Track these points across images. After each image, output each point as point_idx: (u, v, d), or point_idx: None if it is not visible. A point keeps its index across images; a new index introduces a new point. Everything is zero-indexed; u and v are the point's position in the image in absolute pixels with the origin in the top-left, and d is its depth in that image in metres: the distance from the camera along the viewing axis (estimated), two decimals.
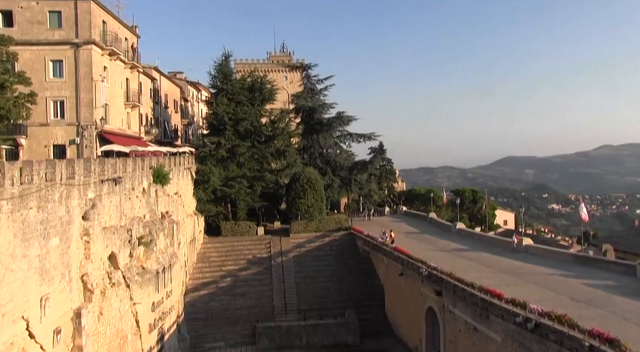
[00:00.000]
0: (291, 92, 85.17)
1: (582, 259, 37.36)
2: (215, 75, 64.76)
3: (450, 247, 45.99)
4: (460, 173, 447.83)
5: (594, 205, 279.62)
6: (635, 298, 26.41)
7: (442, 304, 34.24)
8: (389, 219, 67.81)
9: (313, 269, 54.88)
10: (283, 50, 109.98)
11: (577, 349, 19.77)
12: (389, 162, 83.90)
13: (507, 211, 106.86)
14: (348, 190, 71.06)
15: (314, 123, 71.11)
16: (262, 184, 61.73)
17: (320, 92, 73.58)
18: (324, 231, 59.67)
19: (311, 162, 69.58)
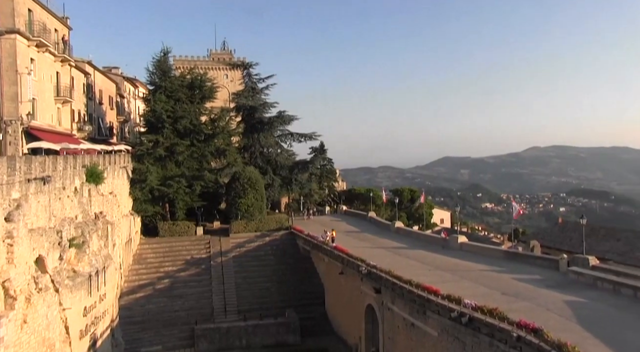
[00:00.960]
0: (232, 91, 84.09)
1: (512, 255, 39.12)
2: (153, 72, 63.03)
3: (389, 246, 46.89)
4: (399, 173, 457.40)
5: (523, 204, 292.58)
6: (557, 290, 28.06)
7: (381, 302, 34.84)
8: (330, 218, 68.31)
9: (253, 269, 54.47)
10: (224, 48, 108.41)
11: (507, 340, 20.70)
12: (330, 162, 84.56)
13: (443, 210, 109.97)
14: (289, 189, 71.06)
15: (254, 122, 70.59)
16: (202, 184, 60.60)
17: (261, 91, 73.14)
18: (264, 230, 59.35)
19: (252, 161, 69.05)
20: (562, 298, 26.32)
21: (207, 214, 63.90)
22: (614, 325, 22.00)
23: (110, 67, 78.05)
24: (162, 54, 63.77)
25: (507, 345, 20.76)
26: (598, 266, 31.58)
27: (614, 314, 23.59)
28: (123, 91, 77.82)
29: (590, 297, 26.48)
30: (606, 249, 48.11)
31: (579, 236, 42.56)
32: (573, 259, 33.08)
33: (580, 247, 37.87)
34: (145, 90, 79.02)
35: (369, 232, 56.03)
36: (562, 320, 22.76)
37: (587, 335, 20.60)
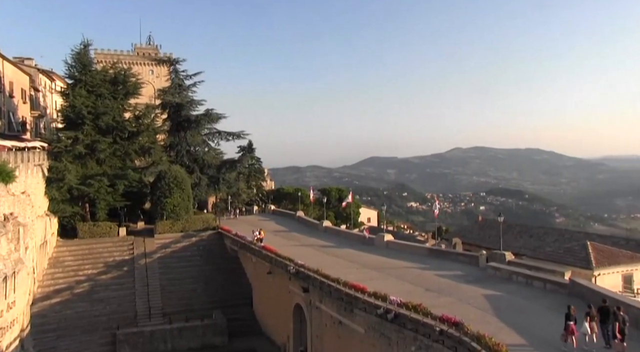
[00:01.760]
0: (158, 87, 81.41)
1: (435, 252, 40.58)
2: (72, 65, 59.86)
3: (317, 245, 47.23)
4: (327, 172, 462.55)
5: (446, 203, 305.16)
6: (477, 285, 29.45)
7: (309, 301, 35.01)
8: (258, 218, 67.88)
9: (179, 270, 53.06)
10: (149, 42, 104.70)
11: (430, 334, 21.44)
12: (258, 161, 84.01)
13: (370, 209, 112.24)
14: (216, 189, 69.81)
15: (181, 120, 68.79)
16: (125, 183, 58.18)
17: (188, 88, 71.40)
18: (191, 230, 57.96)
19: (178, 160, 67.26)
20: (481, 292, 27.65)
21: (131, 214, 61.50)
22: (525, 315, 23.43)
23: (23, 58, 73.09)
24: (82, 46, 60.69)
25: (430, 339, 21.50)
26: (513, 261, 33.44)
27: (526, 305, 25.08)
28: (38, 84, 73.18)
29: (506, 291, 28.00)
30: (520, 245, 51.01)
31: (497, 233, 44.78)
32: (491, 255, 34.83)
33: (498, 243, 39.93)
34: (63, 84, 74.83)
35: (297, 231, 56.18)
36: (481, 313, 23.91)
37: (502, 325, 21.90)
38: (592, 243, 32.79)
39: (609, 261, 30.47)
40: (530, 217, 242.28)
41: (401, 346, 23.87)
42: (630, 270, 31.00)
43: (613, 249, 33.89)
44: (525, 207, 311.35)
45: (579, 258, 30.68)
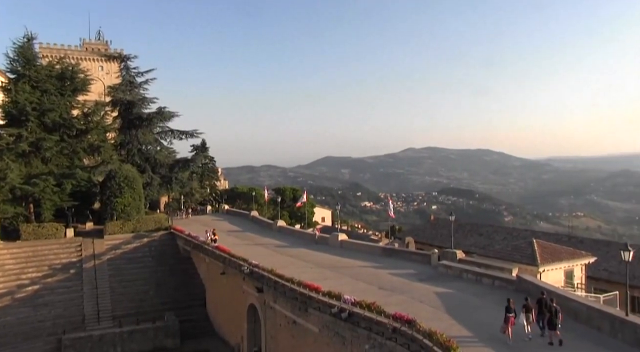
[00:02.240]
0: (108, 84, 79.12)
1: (389, 251, 41.12)
2: (14, 59, 57.32)
3: (271, 244, 47.05)
4: (281, 172, 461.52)
5: (399, 202, 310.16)
6: (429, 283, 30.04)
7: (263, 301, 34.84)
8: (211, 218, 67.01)
9: (130, 271, 51.70)
10: (99, 38, 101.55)
11: (383, 332, 21.71)
12: (212, 161, 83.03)
13: (325, 209, 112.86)
14: (169, 188, 68.46)
15: (132, 118, 67.06)
16: (73, 182, 56.11)
17: (140, 85, 69.69)
18: (142, 231, 56.54)
19: (129, 159, 65.54)
20: (433, 290, 28.22)
21: (79, 215, 59.39)
22: (474, 311, 24.11)
23: None
24: (25, 40, 58.20)
25: (383, 337, 21.77)
26: (464, 259, 34.28)
27: (475, 301, 25.77)
28: None
29: (456, 288, 28.69)
30: (471, 243, 52.50)
31: (448, 231, 45.84)
32: (443, 254, 35.58)
33: (450, 242, 40.88)
34: (4, 79, 71.51)
35: (251, 231, 55.81)
36: (432, 310, 24.40)
37: (453, 322, 22.43)
38: (538, 241, 33.95)
39: (552, 258, 31.63)
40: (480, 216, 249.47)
41: (355, 344, 24.07)
42: (571, 266, 32.30)
43: (556, 246, 35.25)
44: (476, 206, 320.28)
45: (525, 255, 31.69)
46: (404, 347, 20.45)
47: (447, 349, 17.56)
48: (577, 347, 19.58)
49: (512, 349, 19.56)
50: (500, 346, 19.75)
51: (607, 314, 21.27)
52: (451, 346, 17.61)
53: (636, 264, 41.44)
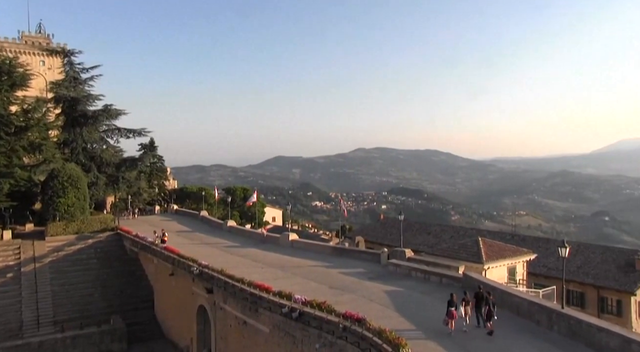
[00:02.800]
0: (50, 80, 75.91)
1: (339, 250, 41.48)
2: None
3: (221, 245, 46.57)
4: (232, 172, 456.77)
5: (350, 202, 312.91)
6: (379, 281, 30.53)
7: (213, 302, 34.42)
8: (160, 218, 65.62)
9: (74, 274, 49.87)
10: (40, 30, 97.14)
11: (334, 331, 21.90)
12: (160, 160, 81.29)
13: (275, 208, 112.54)
14: (115, 188, 66.51)
15: (77, 115, 64.70)
16: (11, 182, 53.59)
17: (85, 81, 67.36)
18: (87, 232, 54.70)
19: (73, 157, 63.21)
20: (383, 288, 28.69)
21: (18, 216, 56.78)
22: (421, 308, 24.73)
23: None
24: None
25: (334, 336, 21.96)
26: (413, 257, 35.01)
27: (423, 299, 26.39)
28: None
29: (405, 286, 29.28)
30: (419, 242, 53.69)
31: (398, 231, 46.68)
32: (392, 252, 36.22)
33: (399, 241, 41.63)
34: None
35: (201, 231, 55.04)
36: (382, 308, 24.81)
37: (402, 319, 22.94)
38: (483, 239, 35.09)
39: (497, 255, 32.78)
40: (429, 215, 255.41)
41: (306, 343, 24.16)
42: (514, 263, 33.58)
43: (500, 244, 36.57)
44: (424, 205, 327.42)
45: (471, 253, 32.69)
46: (354, 346, 20.70)
47: (396, 347, 17.91)
48: (512, 338, 20.60)
49: (453, 340, 20.36)
50: (442, 338, 20.56)
51: (545, 308, 22.31)
52: (400, 343, 17.97)
53: (572, 260, 43.76)
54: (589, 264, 44.99)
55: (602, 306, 42.46)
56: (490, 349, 19.71)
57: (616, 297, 41.94)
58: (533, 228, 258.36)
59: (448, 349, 19.41)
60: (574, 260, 44.21)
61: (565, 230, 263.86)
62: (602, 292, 42.64)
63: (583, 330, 19.92)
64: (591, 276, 43.48)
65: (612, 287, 41.87)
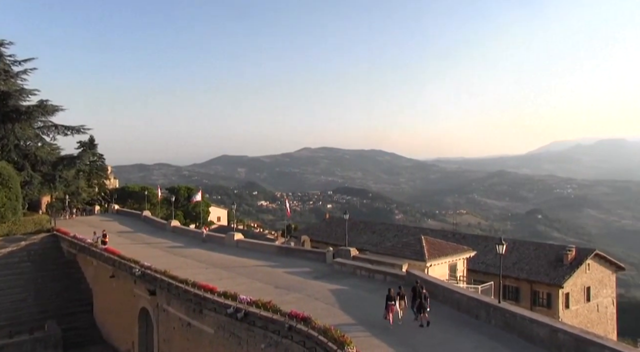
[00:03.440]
0: None
1: (285, 250, 41.51)
2: None
3: (165, 245, 45.59)
4: (176, 171, 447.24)
5: (295, 201, 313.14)
6: (324, 280, 30.82)
7: (156, 304, 33.65)
8: (100, 219, 63.38)
9: (4, 279, 47.23)
10: None
11: (279, 330, 21.94)
12: (101, 158, 78.39)
13: (220, 208, 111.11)
14: (52, 187, 63.59)
15: (8, 110, 61.32)
16: None
17: (17, 75, 63.94)
18: (19, 233, 51.99)
19: (4, 155, 59.94)
20: (328, 287, 28.97)
21: None
22: (366, 306, 25.16)
23: None
24: None
25: (279, 335, 22.00)
26: (357, 256, 35.49)
27: (367, 297, 26.85)
28: None
29: (350, 285, 29.70)
30: (364, 241, 54.46)
31: (343, 230, 47.32)
32: (338, 251, 36.59)
33: (344, 240, 42.15)
34: None
35: (143, 232, 53.64)
36: (327, 307, 25.07)
37: (347, 317, 23.35)
38: (426, 237, 36.00)
39: (439, 253, 33.74)
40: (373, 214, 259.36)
41: (251, 344, 24.07)
42: (455, 260, 34.69)
43: (442, 242, 37.67)
44: (369, 205, 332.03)
45: (414, 251, 33.49)
46: (299, 345, 20.82)
47: (341, 344, 18.16)
48: (453, 332, 21.41)
49: (395, 335, 21.04)
50: (385, 333, 21.22)
51: (483, 303, 23.27)
52: (345, 341, 18.24)
53: (508, 257, 45.75)
54: (523, 260, 47.14)
55: (534, 299, 44.67)
56: (432, 343, 20.34)
57: (547, 291, 44.27)
58: (473, 226, 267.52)
59: (391, 344, 19.91)
60: (510, 256, 46.22)
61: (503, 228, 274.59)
62: (534, 286, 44.85)
63: (517, 322, 20.97)
64: (525, 272, 45.60)
65: (543, 281, 44.15)
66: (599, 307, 48.47)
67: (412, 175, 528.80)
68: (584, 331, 19.38)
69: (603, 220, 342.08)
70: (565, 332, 18.80)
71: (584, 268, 45.77)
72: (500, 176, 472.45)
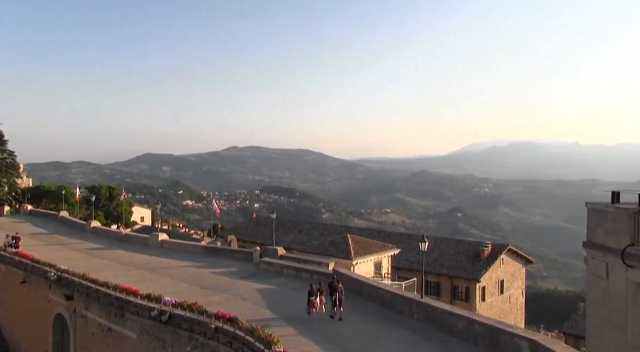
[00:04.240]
0: None
1: (211, 250, 40.90)
2: None
3: (84, 247, 43.49)
4: (96, 169, 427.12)
5: (222, 200, 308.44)
6: (251, 280, 30.74)
7: (73, 309, 32.04)
8: (10, 220, 59.37)
9: None
10: None
11: (205, 332, 21.61)
12: (11, 155, 73.41)
13: (144, 208, 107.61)
14: None
15: None
16: None
17: None
18: None
19: None
20: (255, 287, 28.89)
21: None
22: (292, 303, 25.38)
23: None
24: None
25: (205, 337, 21.66)
26: (285, 255, 35.62)
27: (294, 295, 27.00)
28: None
29: (277, 284, 29.78)
30: (291, 240, 54.64)
31: (270, 229, 47.23)
32: (265, 251, 36.54)
33: (272, 239, 42.12)
34: None
35: (60, 233, 50.84)
36: (254, 307, 25.01)
37: (274, 316, 23.46)
38: (352, 236, 36.76)
39: (364, 251, 34.55)
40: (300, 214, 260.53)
41: (176, 347, 23.52)
42: (380, 257, 35.68)
43: (367, 240, 38.62)
44: (296, 204, 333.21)
45: (340, 249, 34.10)
46: (226, 346, 20.62)
47: (268, 344, 18.19)
48: (377, 328, 22.03)
49: (317, 330, 21.65)
50: (308, 329, 21.75)
51: (406, 298, 24.14)
52: (272, 340, 18.29)
53: (430, 253, 47.64)
54: (444, 256, 49.27)
55: (454, 293, 46.85)
56: (358, 339, 20.82)
57: (465, 285, 46.59)
58: (397, 224, 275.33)
59: (318, 342, 20.20)
60: (432, 253, 48.10)
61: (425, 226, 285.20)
62: (454, 281, 47.05)
63: (438, 316, 21.94)
64: (446, 267, 47.70)
65: (462, 276, 46.42)
66: (511, 298, 51.60)
67: (339, 174, 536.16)
68: (497, 321, 20.68)
69: (515, 217, 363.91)
70: (480, 324, 19.95)
71: (498, 263, 48.54)
72: (423, 175, 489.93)
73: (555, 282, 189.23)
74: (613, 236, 11.76)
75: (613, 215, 11.95)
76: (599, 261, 12.22)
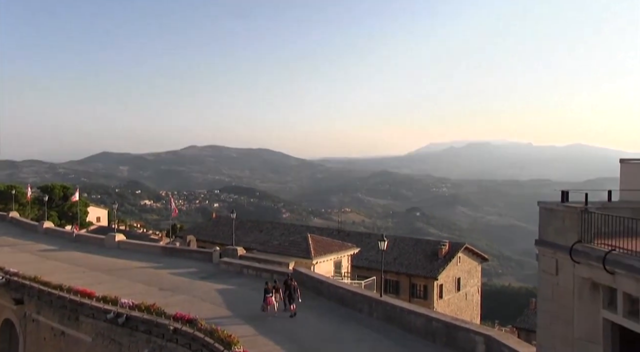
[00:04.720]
0: None
1: (169, 250, 40.32)
2: None
3: (36, 249, 42.08)
4: (50, 168, 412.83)
5: (181, 200, 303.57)
6: (211, 280, 30.53)
7: (23, 314, 30.96)
8: None
9: None
10: None
11: (164, 334, 21.33)
12: None
13: (100, 208, 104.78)
14: None
15: None
16: None
17: None
18: None
19: None
20: (215, 287, 28.67)
21: None
22: (252, 303, 25.28)
23: None
24: None
25: (164, 339, 21.37)
26: (245, 255, 35.45)
27: (254, 295, 26.85)
28: None
29: (237, 284, 29.66)
30: (251, 240, 54.35)
31: (230, 229, 46.84)
32: (224, 251, 36.27)
33: (232, 239, 41.79)
34: None
35: (10, 235, 49.00)
36: (214, 307, 24.83)
37: (234, 317, 23.46)
38: (312, 235, 36.85)
39: (324, 251, 34.70)
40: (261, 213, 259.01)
41: (133, 349, 23.09)
42: (340, 257, 35.91)
43: (328, 239, 38.81)
44: (256, 203, 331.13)
45: (301, 249, 34.14)
46: (185, 348, 20.41)
47: (228, 345, 18.11)
48: (336, 328, 22.22)
49: (277, 329, 21.73)
50: (268, 329, 21.80)
51: (366, 297, 24.45)
52: (232, 341, 18.21)
53: (389, 252, 48.25)
54: (403, 255, 50.01)
55: (412, 292, 47.64)
56: (318, 338, 20.96)
57: (423, 283, 47.45)
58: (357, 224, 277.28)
59: (278, 342, 20.29)
60: (391, 252, 48.72)
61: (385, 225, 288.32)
62: (413, 280, 47.83)
63: (397, 314, 22.32)
64: (404, 266, 48.44)
65: (421, 274, 47.25)
66: (467, 295, 52.90)
67: (299, 174, 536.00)
68: (453, 318, 21.28)
69: (472, 216, 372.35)
70: (438, 321, 20.44)
71: (455, 261, 49.66)
72: (383, 175, 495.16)
73: (510, 279, 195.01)
74: (562, 234, 12.24)
75: (562, 214, 12.43)
76: (550, 257, 12.69)
